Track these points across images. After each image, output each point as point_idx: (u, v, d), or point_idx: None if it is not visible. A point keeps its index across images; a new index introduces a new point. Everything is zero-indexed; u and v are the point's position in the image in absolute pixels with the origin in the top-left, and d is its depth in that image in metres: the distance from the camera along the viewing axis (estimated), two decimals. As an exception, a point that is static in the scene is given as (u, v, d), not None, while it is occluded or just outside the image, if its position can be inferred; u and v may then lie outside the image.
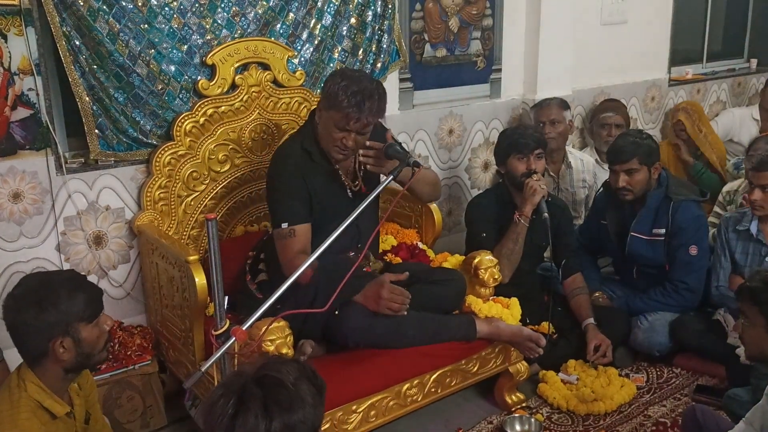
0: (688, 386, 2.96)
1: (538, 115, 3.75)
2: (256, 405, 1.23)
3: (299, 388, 1.27)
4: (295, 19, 3.00)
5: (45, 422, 1.76)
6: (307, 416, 1.26)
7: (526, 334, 2.64)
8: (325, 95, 2.40)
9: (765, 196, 2.90)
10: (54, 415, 1.79)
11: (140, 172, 2.78)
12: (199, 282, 2.32)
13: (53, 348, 1.75)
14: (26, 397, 1.75)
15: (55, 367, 1.79)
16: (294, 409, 1.25)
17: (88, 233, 2.72)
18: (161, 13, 2.66)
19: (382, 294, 2.30)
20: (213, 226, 1.67)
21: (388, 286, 2.31)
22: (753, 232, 3.01)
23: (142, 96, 2.67)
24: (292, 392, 1.26)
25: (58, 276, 1.86)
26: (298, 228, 2.38)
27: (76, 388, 1.93)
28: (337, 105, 2.33)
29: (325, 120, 2.41)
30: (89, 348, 1.80)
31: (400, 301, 2.30)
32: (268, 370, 1.29)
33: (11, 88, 2.47)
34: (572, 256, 3.17)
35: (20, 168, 2.53)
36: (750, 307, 2.04)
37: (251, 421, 1.22)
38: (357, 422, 2.33)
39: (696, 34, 5.31)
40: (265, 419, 1.22)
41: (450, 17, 3.63)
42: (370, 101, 2.33)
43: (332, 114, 2.36)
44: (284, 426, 1.23)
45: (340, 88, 2.32)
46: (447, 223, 3.78)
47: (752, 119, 4.90)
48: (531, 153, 3.04)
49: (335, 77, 2.39)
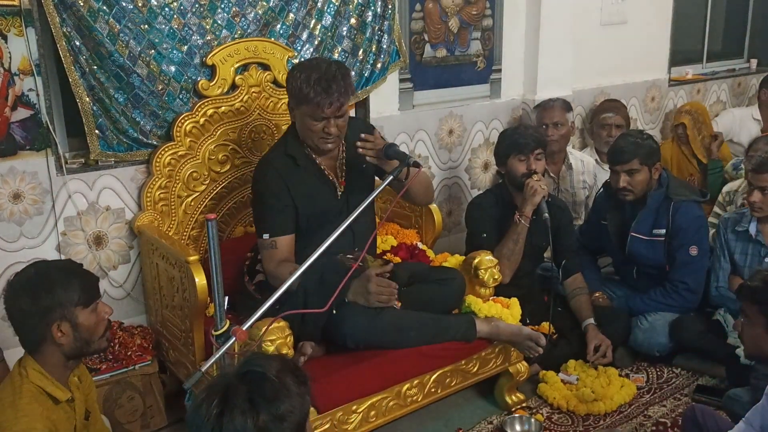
0: (688, 386, 2.96)
1: (541, 117, 3.75)
2: (242, 400, 1.22)
3: (283, 379, 1.26)
4: (295, 19, 3.00)
5: (47, 408, 1.78)
6: (294, 405, 1.25)
7: (526, 333, 2.64)
8: (291, 94, 2.40)
9: (764, 198, 2.90)
10: (56, 401, 1.81)
11: (140, 172, 2.78)
12: (199, 282, 2.32)
13: (52, 333, 1.78)
14: (28, 383, 1.78)
15: (55, 352, 1.82)
16: (280, 399, 1.24)
17: (89, 233, 2.72)
18: (161, 14, 2.66)
19: (369, 288, 2.31)
20: (213, 226, 1.67)
21: (374, 279, 2.32)
22: (752, 232, 3.01)
23: (142, 96, 2.67)
24: (276, 384, 1.25)
25: (54, 263, 1.95)
26: (279, 240, 2.40)
27: (76, 381, 1.94)
28: (305, 98, 2.33)
29: (300, 117, 2.41)
30: (87, 333, 1.84)
31: (388, 293, 2.31)
32: (250, 366, 1.29)
33: (11, 88, 2.47)
34: (572, 256, 3.17)
35: (20, 168, 2.54)
36: (750, 306, 2.05)
37: (238, 418, 1.20)
38: (357, 422, 2.33)
39: (696, 34, 5.32)
40: (252, 413, 1.21)
41: (450, 17, 3.63)
42: (335, 83, 2.32)
43: (304, 109, 2.36)
44: (273, 417, 1.22)
45: (302, 80, 2.32)
46: (447, 223, 3.78)
47: (752, 119, 4.90)
48: (531, 153, 3.04)
49: (294, 73, 2.38)
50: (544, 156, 3.11)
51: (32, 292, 1.78)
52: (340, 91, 2.33)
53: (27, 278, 1.81)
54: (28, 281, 1.80)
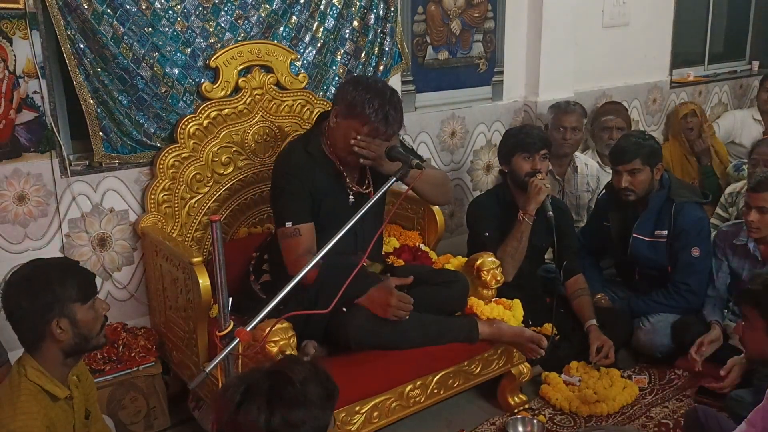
0: (690, 387, 2.96)
1: (559, 120, 3.70)
2: (261, 398, 1.26)
3: (306, 387, 1.29)
4: (297, 22, 3.02)
5: (45, 406, 1.79)
6: (311, 416, 1.27)
7: (528, 335, 2.64)
8: (346, 104, 2.39)
9: (762, 218, 2.81)
10: (54, 398, 1.82)
11: (144, 174, 2.79)
12: (203, 283, 2.33)
13: (51, 329, 1.79)
14: (26, 382, 1.79)
15: (54, 350, 1.82)
16: (296, 406, 1.26)
17: (93, 235, 2.74)
18: (165, 17, 2.67)
19: (390, 302, 2.31)
20: (217, 227, 1.68)
21: (395, 293, 2.32)
22: (750, 248, 2.98)
23: (145, 99, 2.68)
24: (298, 390, 1.28)
25: (50, 261, 1.94)
26: (302, 227, 2.39)
27: (75, 380, 1.95)
28: (363, 117, 2.35)
29: (345, 128, 2.41)
30: (86, 330, 1.85)
31: (406, 309, 2.33)
32: (280, 367, 1.33)
33: (16, 91, 2.48)
34: (573, 257, 3.18)
35: (25, 170, 2.55)
36: (750, 309, 2.04)
37: (253, 413, 1.24)
38: (360, 423, 2.34)
39: (697, 36, 5.32)
40: (266, 412, 1.24)
41: (452, 20, 3.64)
42: (396, 112, 2.38)
43: (354, 124, 2.38)
44: (284, 422, 1.24)
45: (366, 100, 2.34)
46: (449, 225, 3.79)
47: (753, 120, 4.91)
48: (537, 153, 3.04)
49: (358, 88, 2.38)
50: (548, 157, 3.11)
51: (30, 289, 1.79)
52: (398, 120, 2.40)
53: (24, 276, 1.82)
54: (25, 279, 1.81)
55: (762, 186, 2.79)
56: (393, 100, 2.39)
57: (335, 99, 2.49)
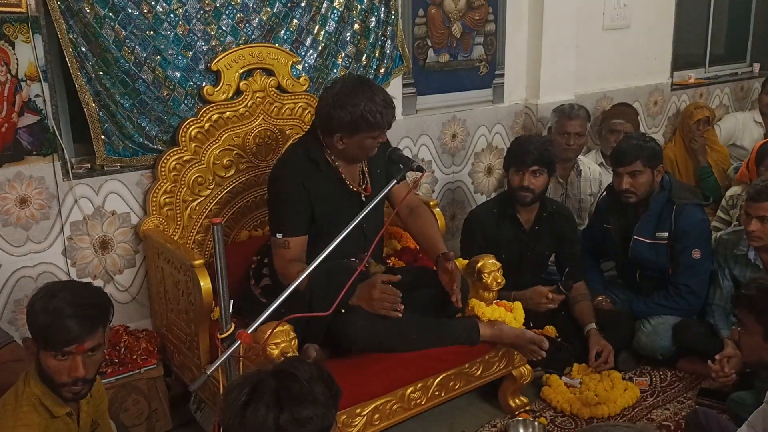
0: (691, 389, 2.96)
1: (563, 126, 3.67)
2: (269, 395, 1.26)
3: (312, 385, 1.29)
4: (298, 25, 3.02)
5: (45, 418, 1.79)
6: (318, 414, 1.27)
7: (529, 336, 2.64)
8: (346, 126, 2.38)
9: (763, 228, 2.79)
10: (53, 414, 1.81)
11: (146, 177, 2.80)
12: (204, 286, 2.34)
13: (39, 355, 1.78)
14: (29, 393, 1.79)
15: None
16: (304, 403, 1.26)
17: (95, 238, 2.74)
18: (167, 20, 2.68)
19: (373, 294, 2.31)
20: (219, 230, 1.69)
21: (379, 286, 2.32)
22: (750, 257, 2.97)
23: (147, 102, 2.69)
24: (305, 388, 1.28)
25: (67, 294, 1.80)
26: (292, 240, 2.42)
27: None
28: (366, 126, 2.38)
29: (353, 143, 2.43)
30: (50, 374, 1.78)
31: (391, 301, 2.31)
32: (285, 367, 1.33)
33: (18, 94, 2.49)
34: (576, 264, 3.18)
35: (27, 173, 2.56)
36: (746, 315, 2.05)
37: (262, 410, 1.24)
38: (361, 425, 2.34)
39: (699, 38, 5.32)
40: (275, 409, 1.24)
41: (453, 23, 3.65)
42: (388, 107, 2.41)
43: (361, 137, 2.41)
44: (293, 419, 1.24)
45: (364, 111, 2.35)
46: (450, 227, 3.79)
47: (755, 123, 4.91)
48: (527, 169, 3.02)
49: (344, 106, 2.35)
50: (545, 173, 3.07)
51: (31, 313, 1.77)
52: (393, 110, 2.46)
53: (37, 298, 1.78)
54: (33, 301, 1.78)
55: (762, 195, 2.77)
56: (385, 99, 2.40)
57: (328, 127, 2.43)
